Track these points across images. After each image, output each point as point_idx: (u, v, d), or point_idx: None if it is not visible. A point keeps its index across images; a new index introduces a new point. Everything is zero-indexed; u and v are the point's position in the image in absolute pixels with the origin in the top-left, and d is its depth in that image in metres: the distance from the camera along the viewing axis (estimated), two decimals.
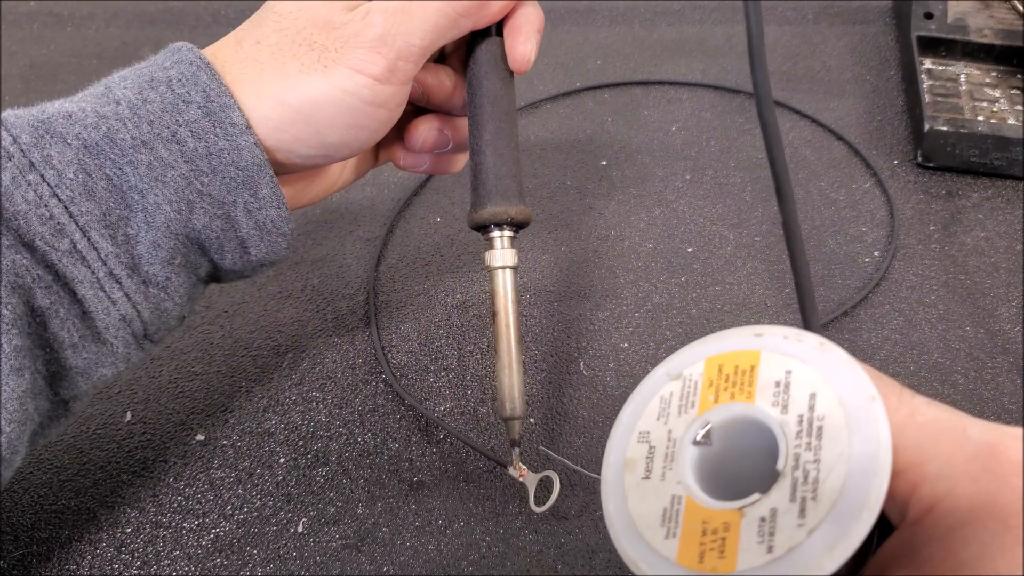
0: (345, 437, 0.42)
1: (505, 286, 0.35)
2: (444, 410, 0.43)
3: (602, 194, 0.54)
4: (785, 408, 0.22)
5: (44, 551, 0.38)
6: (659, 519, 0.22)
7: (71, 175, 0.29)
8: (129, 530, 0.38)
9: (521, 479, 0.36)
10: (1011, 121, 0.54)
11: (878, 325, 0.46)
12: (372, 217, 0.54)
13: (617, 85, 0.63)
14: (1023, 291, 0.47)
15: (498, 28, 0.36)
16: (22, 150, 0.29)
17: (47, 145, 0.29)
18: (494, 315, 0.35)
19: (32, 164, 0.29)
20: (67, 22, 0.73)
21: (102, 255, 0.29)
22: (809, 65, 0.64)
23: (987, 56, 0.58)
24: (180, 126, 0.30)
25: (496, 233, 0.34)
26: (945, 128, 0.53)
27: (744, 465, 0.23)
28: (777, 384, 0.23)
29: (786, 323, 0.46)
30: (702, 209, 0.53)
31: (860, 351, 0.45)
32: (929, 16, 0.60)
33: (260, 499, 0.39)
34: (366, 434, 0.42)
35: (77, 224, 0.29)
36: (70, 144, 0.29)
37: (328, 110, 0.32)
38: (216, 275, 0.34)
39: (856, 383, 0.21)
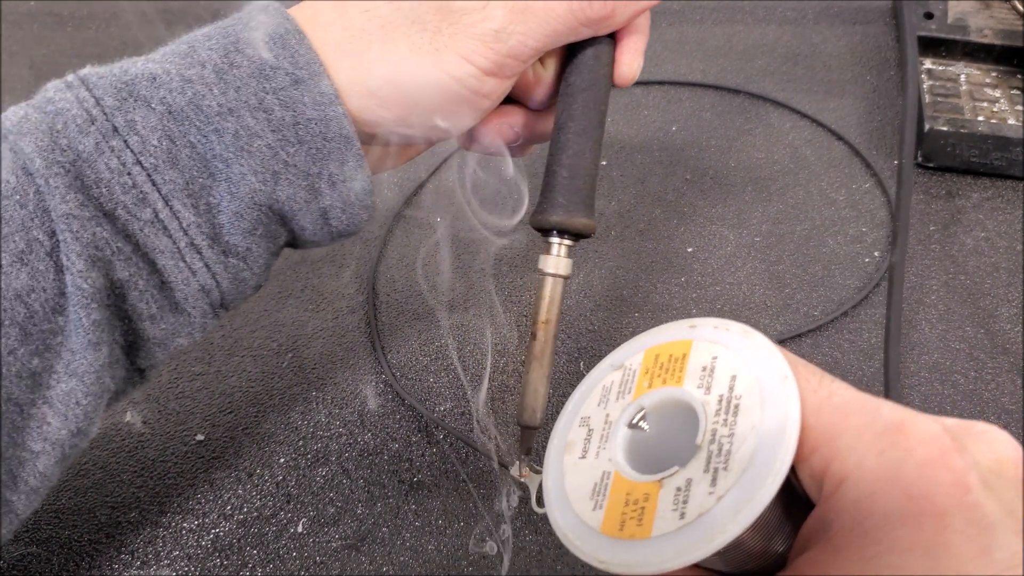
0: (345, 437, 0.42)
1: (554, 294, 0.34)
2: (444, 410, 0.43)
3: (603, 194, 0.54)
4: (708, 389, 0.24)
5: (44, 551, 0.38)
6: (589, 493, 0.24)
7: (155, 142, 0.28)
8: (129, 530, 0.38)
9: (523, 479, 0.36)
10: (1011, 121, 0.54)
11: (878, 325, 0.46)
12: (372, 217, 0.54)
13: None
14: (1023, 291, 0.47)
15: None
16: (105, 114, 0.28)
17: (131, 109, 0.28)
18: (543, 322, 0.34)
19: (115, 129, 0.28)
20: (67, 22, 0.73)
21: (184, 225, 0.29)
22: (809, 65, 0.64)
23: (987, 56, 0.58)
24: (267, 93, 0.29)
25: (556, 240, 0.34)
26: (945, 128, 0.53)
27: (671, 443, 0.24)
28: (704, 369, 0.24)
29: (786, 324, 0.46)
30: (702, 209, 0.53)
31: (860, 351, 0.45)
32: (929, 16, 0.60)
33: (260, 499, 0.39)
34: (366, 434, 0.42)
35: (160, 193, 0.28)
36: (154, 109, 0.28)
37: (435, 95, 0.31)
38: (293, 244, 0.34)
39: (772, 365, 0.23)
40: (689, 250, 0.51)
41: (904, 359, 0.44)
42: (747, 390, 0.23)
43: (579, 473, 0.25)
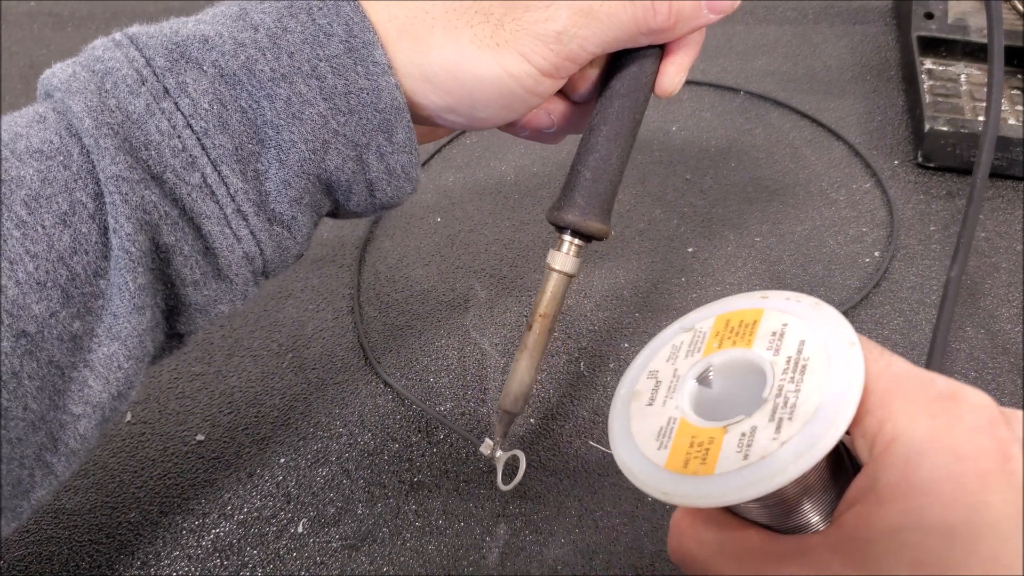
0: (345, 437, 0.42)
1: (556, 290, 0.34)
2: (444, 410, 0.43)
3: None
4: (777, 351, 0.25)
5: (44, 551, 0.38)
6: (655, 435, 0.26)
7: (206, 105, 0.27)
8: (129, 530, 0.38)
9: (489, 457, 0.36)
10: (1011, 121, 0.54)
11: (878, 325, 0.46)
12: (372, 217, 0.54)
13: None
14: (1023, 291, 0.47)
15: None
16: (156, 74, 0.27)
17: (182, 71, 0.27)
18: (540, 315, 0.34)
19: (166, 90, 0.27)
20: (67, 22, 0.73)
21: (231, 191, 0.28)
22: (809, 65, 0.64)
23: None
24: (320, 60, 0.29)
25: (568, 238, 0.34)
26: (945, 128, 0.53)
27: (735, 398, 0.26)
28: (774, 334, 0.26)
29: None
30: (702, 209, 0.53)
31: None
32: (929, 16, 0.60)
33: (260, 499, 0.39)
34: (366, 434, 0.42)
35: (209, 158, 0.28)
36: (206, 72, 0.28)
37: (489, 90, 0.31)
38: (335, 214, 0.33)
39: (840, 332, 0.25)
40: (689, 250, 0.51)
41: (904, 359, 0.44)
42: (815, 353, 0.24)
43: (645, 418, 0.26)
